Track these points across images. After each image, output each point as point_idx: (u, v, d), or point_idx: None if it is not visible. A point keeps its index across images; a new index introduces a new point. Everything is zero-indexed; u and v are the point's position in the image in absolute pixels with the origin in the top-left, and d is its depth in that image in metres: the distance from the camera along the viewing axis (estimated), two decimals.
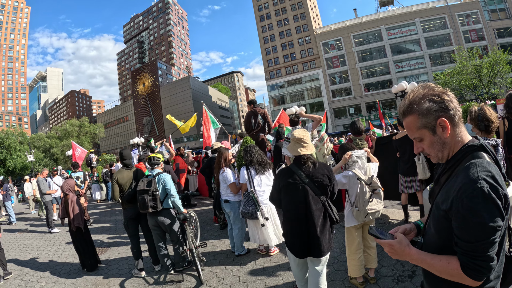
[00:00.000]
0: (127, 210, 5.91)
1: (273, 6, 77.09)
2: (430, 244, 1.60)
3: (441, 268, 1.46)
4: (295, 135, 3.49)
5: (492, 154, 1.48)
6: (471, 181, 1.34)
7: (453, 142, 1.52)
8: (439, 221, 1.50)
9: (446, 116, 1.48)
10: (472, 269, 1.35)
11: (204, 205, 11.51)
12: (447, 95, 1.49)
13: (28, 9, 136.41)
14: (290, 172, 3.46)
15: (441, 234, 1.51)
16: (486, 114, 3.86)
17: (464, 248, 1.36)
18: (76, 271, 6.57)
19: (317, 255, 3.34)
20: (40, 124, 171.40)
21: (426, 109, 1.50)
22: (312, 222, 3.31)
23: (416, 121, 1.55)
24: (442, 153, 1.56)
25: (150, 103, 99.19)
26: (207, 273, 5.51)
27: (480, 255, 1.33)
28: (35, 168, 48.24)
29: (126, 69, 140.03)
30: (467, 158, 1.47)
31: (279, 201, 3.60)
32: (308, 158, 3.43)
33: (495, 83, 38.78)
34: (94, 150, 20.65)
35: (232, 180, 5.82)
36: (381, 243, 1.62)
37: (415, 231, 1.78)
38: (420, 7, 64.94)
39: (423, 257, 1.52)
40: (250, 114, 9.00)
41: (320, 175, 3.39)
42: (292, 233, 3.43)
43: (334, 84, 69.66)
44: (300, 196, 3.35)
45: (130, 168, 6.10)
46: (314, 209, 3.31)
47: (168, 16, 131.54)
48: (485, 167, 1.37)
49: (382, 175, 7.58)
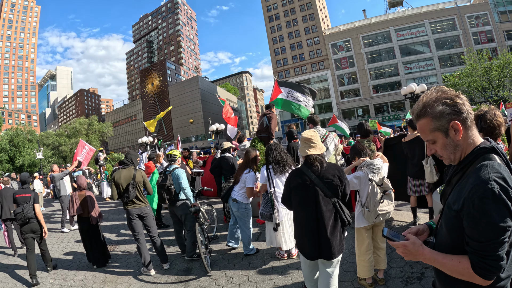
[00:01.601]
0: (129, 210, 5.93)
1: (282, 7, 77.02)
2: (442, 243, 1.63)
3: (452, 268, 1.49)
4: (304, 135, 3.49)
5: (503, 156, 1.50)
6: (482, 182, 1.37)
7: (465, 144, 1.55)
8: (451, 221, 1.53)
9: (458, 119, 1.51)
10: (482, 268, 1.39)
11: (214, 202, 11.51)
12: (459, 98, 1.53)
13: (38, 8, 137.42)
14: (300, 173, 3.45)
15: (453, 234, 1.54)
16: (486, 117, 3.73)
17: (474, 247, 1.40)
18: (84, 268, 6.64)
19: (328, 257, 3.30)
20: (49, 122, 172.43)
21: (439, 112, 1.53)
22: (322, 224, 3.27)
23: (429, 123, 1.58)
24: (454, 155, 1.59)
25: (158, 103, 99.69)
26: (216, 272, 5.53)
27: (490, 255, 1.36)
28: (44, 166, 48.68)
29: (135, 69, 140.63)
30: (479, 159, 1.50)
31: (290, 202, 3.56)
32: (315, 159, 3.39)
33: (505, 85, 38.46)
34: (102, 148, 20.72)
35: (251, 185, 5.78)
36: (394, 245, 1.65)
37: (428, 232, 1.82)
38: (429, 8, 64.57)
39: (436, 256, 1.55)
40: (261, 116, 9.10)
41: (331, 176, 3.34)
42: (303, 235, 3.41)
43: (343, 85, 69.43)
44: (310, 197, 3.33)
45: (127, 167, 6.10)
46: (325, 210, 3.28)
47: (177, 16, 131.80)
48: (496, 169, 1.40)
49: (390, 175, 7.61)
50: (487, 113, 3.56)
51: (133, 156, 6.32)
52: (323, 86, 71.36)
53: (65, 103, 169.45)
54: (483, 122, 3.54)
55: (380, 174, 4.13)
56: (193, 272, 5.74)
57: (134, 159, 6.25)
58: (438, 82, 58.41)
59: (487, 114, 3.55)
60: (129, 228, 6.09)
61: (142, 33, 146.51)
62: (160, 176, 6.41)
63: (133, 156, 6.31)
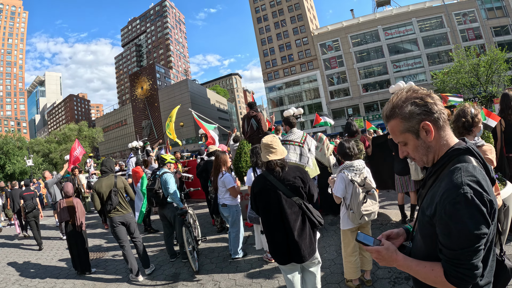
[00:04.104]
0: (112, 218, 5.97)
1: (270, 8, 77.19)
2: (417, 249, 1.58)
3: (426, 275, 1.44)
4: (264, 141, 3.48)
5: (479, 158, 1.44)
6: (454, 187, 1.30)
7: (438, 146, 1.49)
8: (424, 227, 1.47)
9: (429, 119, 1.45)
10: (455, 277, 1.33)
11: (201, 207, 11.47)
12: (430, 98, 1.47)
13: (26, 14, 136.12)
14: (262, 179, 3.45)
15: (426, 240, 1.48)
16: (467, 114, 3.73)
17: (447, 255, 1.33)
18: (73, 276, 6.61)
19: (299, 260, 3.29)
20: (39, 128, 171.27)
21: (409, 112, 1.47)
22: (288, 227, 3.26)
23: (399, 125, 1.53)
24: (426, 157, 1.54)
25: (148, 107, 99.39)
26: (203, 277, 5.51)
27: (464, 263, 1.29)
28: (34, 173, 48.34)
29: (124, 73, 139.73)
30: (453, 161, 1.43)
31: (256, 209, 3.55)
32: (276, 164, 3.38)
33: (493, 81, 38.94)
34: (92, 155, 20.50)
35: (232, 183, 5.83)
36: (369, 250, 1.61)
37: (404, 236, 1.76)
38: (416, 6, 65.07)
39: (409, 263, 1.51)
40: (244, 118, 9.01)
41: (292, 178, 3.34)
42: (271, 240, 3.40)
43: (332, 85, 69.70)
44: (273, 201, 3.32)
45: (107, 175, 6.18)
46: (289, 212, 3.26)
47: (165, 19, 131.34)
48: (470, 172, 1.33)
49: (381, 172, 7.68)
50: (466, 110, 3.57)
51: (111, 163, 6.47)
52: (313, 86, 71.63)
53: (54, 109, 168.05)
54: (466, 120, 3.55)
55: (362, 174, 4.10)
56: (181, 277, 5.71)
57: (112, 166, 6.42)
58: (427, 79, 58.95)
59: (467, 111, 3.56)
60: (113, 236, 6.08)
61: (131, 37, 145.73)
62: (149, 180, 6.50)
63: (111, 163, 6.47)
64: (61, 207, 6.68)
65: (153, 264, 6.33)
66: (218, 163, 6.05)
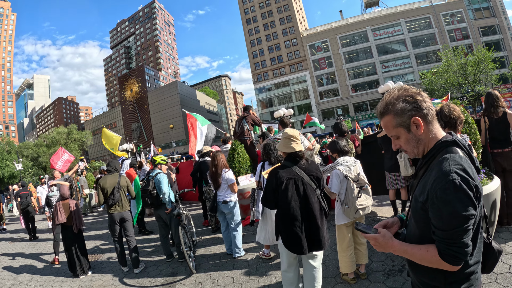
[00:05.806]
0: (112, 214, 6.44)
1: (260, 9, 77.33)
2: (411, 235, 1.73)
3: (421, 257, 1.58)
4: (289, 132, 3.61)
5: (465, 149, 1.60)
6: (443, 174, 1.46)
7: (427, 139, 1.65)
8: (418, 213, 1.63)
9: (419, 115, 1.61)
10: (449, 255, 1.46)
11: (192, 209, 11.59)
12: (420, 96, 1.64)
13: (14, 16, 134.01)
14: (287, 169, 3.55)
15: (420, 225, 1.63)
16: (444, 111, 3.91)
17: (440, 236, 1.48)
18: (70, 277, 6.64)
19: (319, 247, 3.49)
20: (27, 132, 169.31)
21: (401, 109, 1.63)
22: (313, 215, 3.45)
23: (392, 120, 1.68)
24: (417, 149, 1.70)
25: (138, 109, 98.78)
26: (200, 275, 5.57)
27: (456, 242, 1.44)
28: (24, 177, 47.84)
29: (113, 75, 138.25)
30: (441, 153, 1.59)
31: (274, 202, 3.60)
32: (304, 154, 3.58)
33: (481, 80, 39.46)
34: (83, 157, 20.35)
35: (234, 180, 6.07)
36: (367, 237, 1.74)
37: (398, 224, 1.91)
38: (405, 7, 65.69)
39: (405, 247, 1.64)
40: (240, 119, 9.15)
41: (314, 169, 3.57)
42: (294, 230, 3.46)
43: (322, 85, 69.98)
44: (300, 191, 3.48)
45: (111, 174, 6.71)
46: (313, 201, 3.46)
47: (154, 21, 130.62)
48: (456, 161, 1.49)
49: (370, 172, 7.79)
50: (443, 108, 3.78)
51: (116, 163, 7.00)
52: (302, 87, 71.85)
53: (43, 112, 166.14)
54: (443, 117, 3.74)
55: (355, 169, 4.24)
56: (178, 276, 5.77)
57: (117, 166, 6.97)
58: (415, 79, 59.52)
59: (444, 109, 3.77)
60: (109, 230, 6.55)
61: (120, 39, 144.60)
62: (143, 181, 6.71)
63: (116, 163, 7.00)
64: (58, 209, 6.68)
65: (142, 263, 6.60)
66: (219, 161, 6.14)
